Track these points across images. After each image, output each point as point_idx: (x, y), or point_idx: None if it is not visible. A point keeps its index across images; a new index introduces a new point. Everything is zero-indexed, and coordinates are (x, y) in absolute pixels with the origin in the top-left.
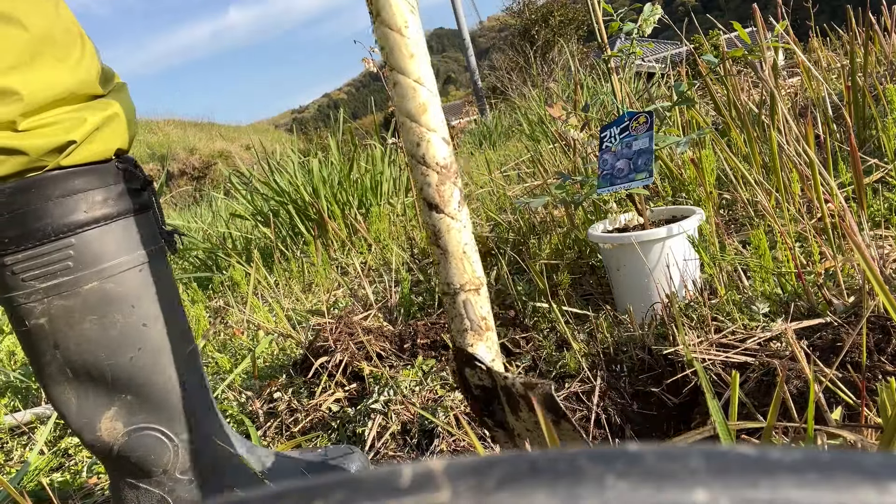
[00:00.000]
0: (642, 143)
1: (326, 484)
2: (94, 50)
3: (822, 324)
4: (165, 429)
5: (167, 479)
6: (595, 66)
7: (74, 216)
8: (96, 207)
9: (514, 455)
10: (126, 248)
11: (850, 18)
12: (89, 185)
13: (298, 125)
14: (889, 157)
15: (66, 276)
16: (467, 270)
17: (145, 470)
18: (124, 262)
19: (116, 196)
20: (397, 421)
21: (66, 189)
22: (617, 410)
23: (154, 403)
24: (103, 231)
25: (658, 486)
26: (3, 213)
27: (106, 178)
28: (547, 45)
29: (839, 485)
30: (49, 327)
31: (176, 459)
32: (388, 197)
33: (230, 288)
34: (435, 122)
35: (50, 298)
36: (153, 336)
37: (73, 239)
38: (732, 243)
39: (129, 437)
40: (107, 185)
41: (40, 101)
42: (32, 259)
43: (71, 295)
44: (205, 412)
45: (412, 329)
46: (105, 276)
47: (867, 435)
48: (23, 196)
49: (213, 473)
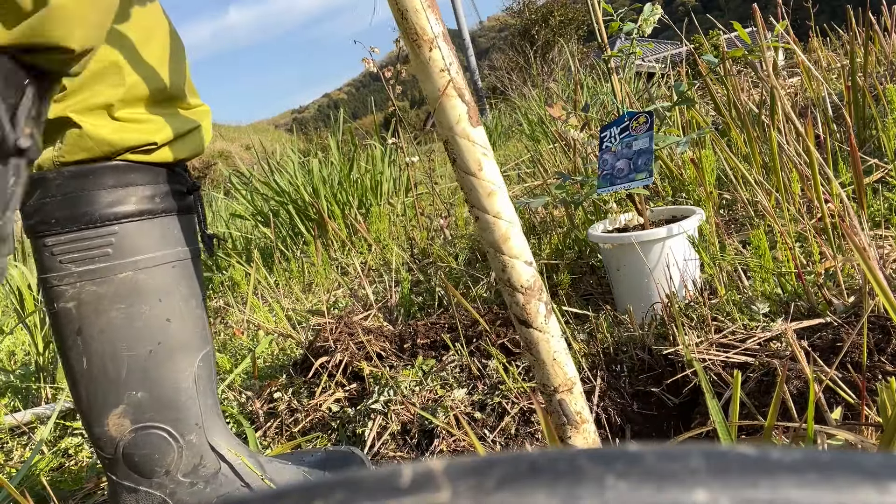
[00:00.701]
0: (642, 143)
1: (326, 484)
2: (186, 57)
3: (822, 324)
4: (172, 429)
5: (169, 481)
6: (595, 66)
7: (123, 207)
8: (144, 202)
9: (514, 455)
10: (164, 243)
11: (850, 18)
12: (142, 180)
13: (298, 125)
14: (889, 157)
15: (103, 263)
16: (559, 374)
17: (148, 470)
18: (160, 256)
19: (163, 194)
20: (397, 421)
21: (120, 180)
22: (617, 410)
23: (164, 402)
24: (146, 225)
25: (658, 486)
26: (57, 195)
27: (158, 177)
28: (547, 45)
29: (839, 485)
30: (76, 312)
31: (179, 460)
32: (388, 197)
33: (230, 288)
34: (517, 249)
35: (82, 283)
36: (174, 332)
37: (117, 227)
38: (732, 243)
39: (135, 435)
40: (157, 182)
41: (140, 93)
42: (74, 242)
43: (104, 282)
44: (211, 416)
45: (412, 329)
46: (140, 268)
47: (867, 435)
48: (79, 181)
49: (214, 478)
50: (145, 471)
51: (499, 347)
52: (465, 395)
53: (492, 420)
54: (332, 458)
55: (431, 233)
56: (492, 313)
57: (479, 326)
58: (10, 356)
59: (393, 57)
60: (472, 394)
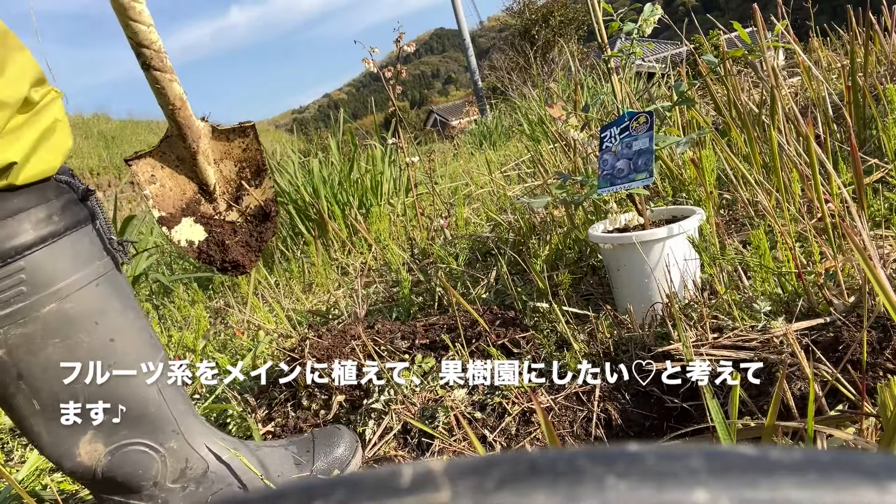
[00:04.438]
0: (642, 143)
1: (326, 484)
2: (28, 51)
3: (823, 323)
4: (150, 441)
5: (158, 491)
6: (595, 66)
7: (21, 238)
8: (41, 226)
9: (514, 455)
10: (79, 263)
11: (850, 18)
12: (29, 202)
13: (299, 125)
14: (889, 157)
15: (21, 303)
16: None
17: (134, 486)
18: (80, 278)
19: (59, 211)
20: (397, 421)
21: (6, 210)
22: (617, 410)
23: (133, 418)
24: (52, 249)
25: (658, 486)
26: None
27: (46, 194)
28: (547, 45)
29: (839, 485)
30: (9, 358)
31: (165, 469)
32: (389, 197)
33: (230, 288)
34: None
35: (6, 328)
36: (122, 350)
37: (23, 262)
38: (733, 243)
39: (112, 457)
40: (48, 200)
41: None
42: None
43: (29, 321)
44: (186, 418)
45: (412, 329)
46: (62, 297)
47: (867, 434)
48: None
49: (205, 477)
50: (132, 487)
51: (499, 348)
52: (466, 395)
53: (492, 420)
54: (318, 436)
55: (431, 233)
56: (491, 313)
57: (479, 326)
58: None
59: (393, 57)
60: (472, 394)
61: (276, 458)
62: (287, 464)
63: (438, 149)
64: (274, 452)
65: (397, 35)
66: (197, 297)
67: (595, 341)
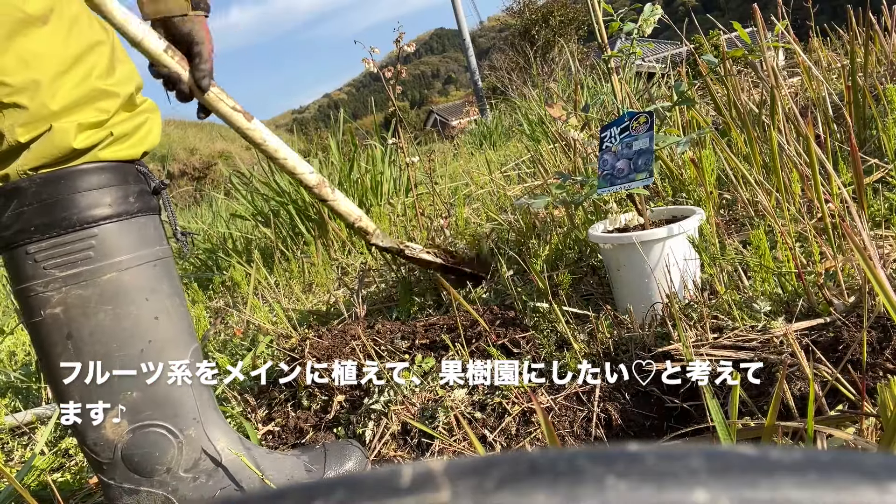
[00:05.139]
0: (642, 143)
1: (326, 484)
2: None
3: (823, 323)
4: (170, 425)
5: (170, 479)
6: (595, 66)
7: (99, 209)
8: (119, 203)
9: (514, 455)
10: (144, 243)
11: (850, 18)
12: (113, 181)
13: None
14: (889, 157)
15: (86, 266)
16: (353, 213)
17: (148, 469)
18: (142, 255)
19: (136, 195)
20: (397, 421)
21: (92, 183)
22: (617, 410)
23: (159, 400)
24: (124, 225)
25: (658, 486)
26: (33, 202)
27: (127, 177)
28: (547, 45)
29: (839, 485)
30: (64, 316)
31: (180, 457)
32: (389, 197)
33: (230, 288)
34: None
35: (68, 287)
36: (163, 330)
37: (96, 230)
38: (733, 243)
39: (133, 435)
40: (128, 183)
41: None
42: (56, 248)
43: (89, 285)
44: (207, 409)
45: (412, 329)
46: (123, 268)
47: (867, 434)
48: (52, 187)
49: (216, 471)
50: (146, 470)
51: (499, 348)
52: (466, 396)
53: (492, 420)
54: (330, 449)
55: (432, 233)
56: (491, 313)
57: (479, 326)
58: (11, 356)
59: (393, 57)
60: (472, 394)
61: (288, 464)
62: (298, 471)
63: (438, 149)
64: (286, 459)
65: (397, 35)
66: (197, 296)
67: (595, 341)
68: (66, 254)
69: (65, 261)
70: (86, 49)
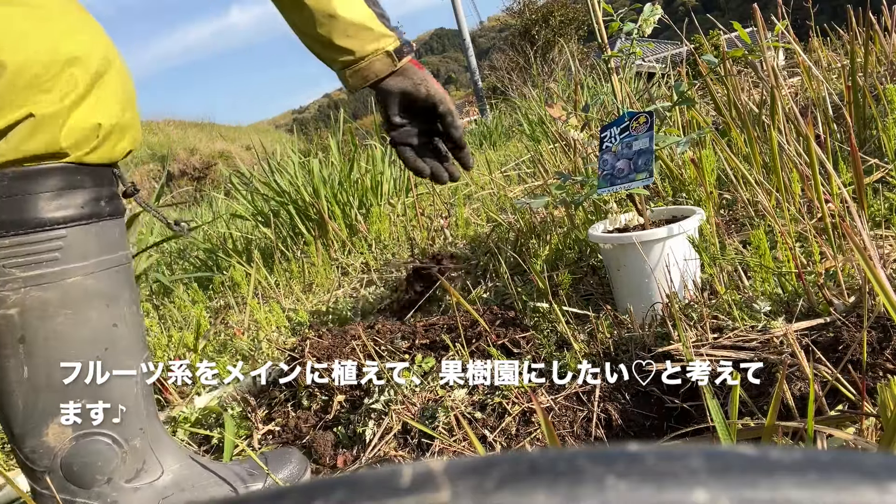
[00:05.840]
0: (642, 143)
1: (326, 484)
2: (130, 79)
3: (823, 323)
4: (116, 434)
5: (111, 489)
6: (595, 66)
7: (70, 210)
8: (90, 205)
9: (515, 455)
10: (110, 247)
11: (850, 18)
12: (87, 182)
13: (299, 125)
14: (889, 157)
15: (51, 268)
16: None
17: (87, 480)
18: (107, 260)
19: (108, 198)
20: (398, 421)
21: (66, 182)
22: (617, 411)
23: (110, 408)
24: (93, 228)
25: (658, 486)
26: (2, 196)
27: (102, 179)
28: (547, 45)
29: (839, 485)
30: (19, 319)
31: (122, 466)
32: (389, 197)
33: (230, 288)
34: None
35: (27, 288)
36: (120, 337)
37: (65, 231)
38: (733, 243)
39: (77, 443)
40: (102, 185)
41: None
42: (20, 246)
43: (52, 287)
44: (152, 418)
45: (412, 329)
46: (88, 272)
47: (867, 434)
48: (23, 183)
49: (158, 482)
50: (85, 481)
51: (499, 348)
52: (466, 396)
53: (492, 420)
54: (271, 456)
55: (432, 233)
56: (491, 313)
57: (479, 326)
58: None
59: None
60: (472, 394)
61: (225, 471)
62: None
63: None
64: (226, 467)
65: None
66: (197, 296)
67: (595, 341)
68: (31, 253)
69: (29, 261)
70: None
